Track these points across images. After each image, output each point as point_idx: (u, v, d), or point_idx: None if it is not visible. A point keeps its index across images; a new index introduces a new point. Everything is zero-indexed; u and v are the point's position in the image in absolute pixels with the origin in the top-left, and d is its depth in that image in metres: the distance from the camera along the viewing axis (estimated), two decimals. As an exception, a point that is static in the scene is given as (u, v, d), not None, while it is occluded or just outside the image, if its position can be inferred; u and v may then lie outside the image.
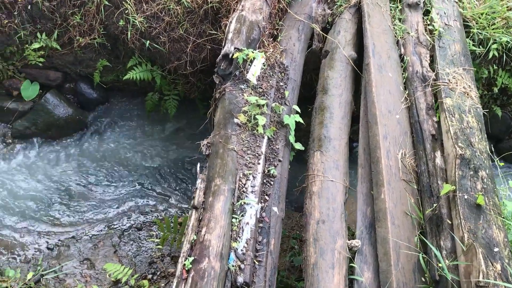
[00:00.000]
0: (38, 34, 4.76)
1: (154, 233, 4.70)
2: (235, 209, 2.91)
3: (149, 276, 4.34)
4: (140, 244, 4.68)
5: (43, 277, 4.21)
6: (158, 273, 4.40)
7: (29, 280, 3.77)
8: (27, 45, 4.80)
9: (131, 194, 5.06)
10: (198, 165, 3.20)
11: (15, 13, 4.56)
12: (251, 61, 3.54)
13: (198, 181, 3.05)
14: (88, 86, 5.35)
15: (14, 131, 5.16)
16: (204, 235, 2.69)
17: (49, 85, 5.23)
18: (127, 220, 4.86)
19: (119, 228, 4.79)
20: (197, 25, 4.45)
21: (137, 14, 4.43)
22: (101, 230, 4.75)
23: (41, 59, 4.88)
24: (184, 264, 2.59)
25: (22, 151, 5.17)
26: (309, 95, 4.31)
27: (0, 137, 5.18)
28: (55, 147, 5.26)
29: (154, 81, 5.11)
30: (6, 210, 4.72)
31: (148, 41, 4.53)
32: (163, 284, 4.21)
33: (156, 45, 4.55)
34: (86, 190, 5.02)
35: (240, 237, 2.82)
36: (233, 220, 2.85)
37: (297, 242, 4.13)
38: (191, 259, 2.59)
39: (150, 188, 5.12)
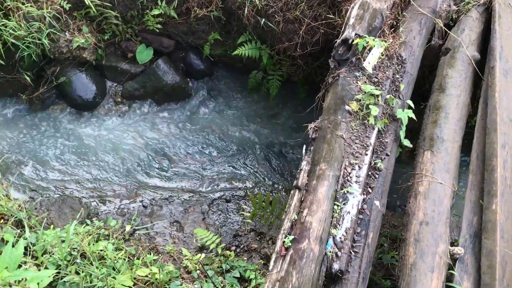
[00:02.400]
0: (159, 1, 4.95)
1: (245, 207, 4.79)
2: (337, 196, 2.88)
3: (233, 248, 4.44)
4: (227, 215, 4.79)
5: (136, 232, 4.45)
6: (242, 246, 4.49)
7: (127, 232, 3.99)
8: (147, 11, 5.01)
9: (224, 166, 5.18)
10: (304, 147, 3.20)
11: (142, -21, 4.77)
12: (370, 49, 3.46)
13: (303, 163, 3.04)
14: (196, 57, 5.51)
15: (124, 91, 5.45)
16: (305, 216, 2.70)
17: (162, 52, 5.43)
18: (218, 191, 4.99)
19: (209, 197, 4.94)
20: (314, 7, 4.41)
21: (257, -9, 4.48)
22: (193, 196, 4.92)
23: (159, 26, 5.08)
24: (284, 241, 2.62)
25: (129, 110, 5.45)
26: (418, 91, 4.15)
27: (112, 96, 5.49)
28: (160, 111, 5.49)
29: (260, 60, 5.15)
30: (109, 165, 5.01)
31: (263, 19, 4.56)
32: (245, 258, 4.29)
33: (270, 24, 4.58)
34: (183, 156, 5.21)
35: (340, 225, 2.79)
36: (335, 207, 2.83)
37: (387, 240, 4.03)
38: (291, 237, 2.61)
39: (243, 163, 5.21)
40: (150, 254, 3.48)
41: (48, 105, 5.33)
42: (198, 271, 3.49)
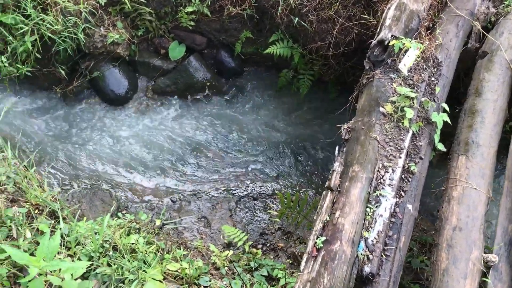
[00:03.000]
0: (193, -1, 5.00)
1: (272, 205, 4.80)
2: (370, 199, 2.86)
3: (259, 246, 4.45)
4: (254, 213, 4.81)
5: (164, 226, 4.51)
6: (268, 245, 4.51)
7: (156, 226, 4.04)
8: (181, 8, 5.06)
9: (252, 164, 5.20)
10: (337, 148, 3.19)
11: (177, -24, 4.82)
12: (405, 51, 3.42)
13: (336, 164, 3.03)
14: (228, 55, 5.54)
15: (156, 87, 5.51)
16: (337, 218, 2.69)
17: (193, 49, 5.48)
18: (245, 188, 5.01)
19: (236, 194, 4.96)
20: (348, 7, 4.39)
21: (291, -10, 4.48)
22: (220, 193, 4.95)
23: (192, 23, 5.13)
24: (316, 242, 2.61)
25: (160, 106, 5.52)
26: (452, 94, 4.09)
27: (143, 91, 5.56)
28: (190, 107, 5.54)
29: (291, 59, 5.14)
30: (139, 159, 5.08)
31: (296, 18, 4.55)
32: (272, 256, 4.30)
33: (303, 23, 4.57)
34: (212, 152, 5.25)
35: (372, 228, 2.77)
36: (367, 209, 2.82)
37: (416, 244, 3.99)
38: (322, 238, 2.61)
39: (271, 161, 5.22)
40: (180, 249, 3.51)
41: (81, 99, 5.43)
42: (226, 268, 3.51)
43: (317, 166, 5.17)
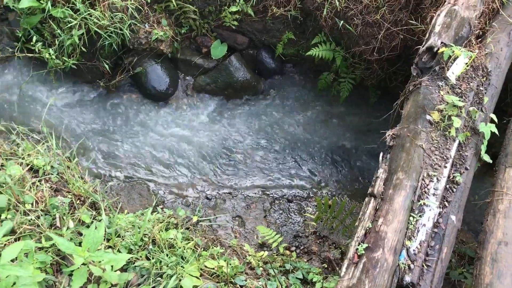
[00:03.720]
0: (237, -2, 5.02)
1: (307, 208, 4.79)
2: (413, 208, 2.82)
3: (293, 249, 4.44)
4: (288, 215, 4.80)
5: (199, 223, 4.54)
6: (302, 248, 4.49)
7: (193, 222, 4.08)
8: (225, 7, 5.09)
9: (288, 166, 5.19)
10: (381, 154, 3.15)
11: (223, -25, 4.85)
12: (454, 59, 3.35)
13: (380, 170, 2.99)
14: (268, 56, 5.54)
15: (196, 85, 5.56)
16: (380, 225, 2.66)
17: (235, 48, 5.51)
18: (280, 190, 5.01)
19: (271, 195, 4.96)
20: (395, 12, 4.33)
21: (337, -7, 4.45)
22: (256, 193, 4.96)
23: (235, 23, 5.15)
24: (357, 249, 2.59)
25: (199, 104, 5.57)
26: (499, 105, 3.98)
27: (183, 88, 5.62)
28: (228, 106, 5.56)
29: (332, 62, 5.11)
30: (176, 155, 5.14)
31: (342, 21, 4.52)
32: (305, 260, 4.28)
33: (348, 26, 4.53)
34: (248, 152, 5.27)
35: (414, 237, 2.73)
36: (411, 218, 2.78)
37: (455, 255, 3.91)
38: (364, 245, 2.58)
39: (307, 164, 5.20)
40: (217, 246, 3.54)
41: (122, 94, 5.53)
42: (261, 268, 3.52)
43: (354, 172, 5.12)
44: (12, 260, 2.42)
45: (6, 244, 2.93)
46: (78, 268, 2.50)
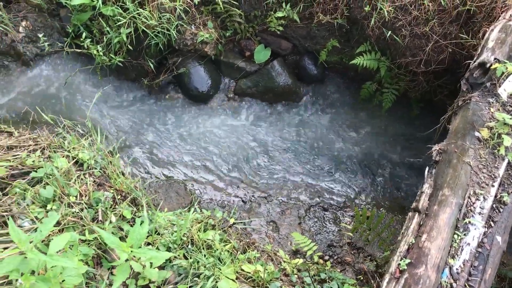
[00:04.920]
0: (284, 4, 5.02)
1: (342, 218, 4.75)
2: (458, 225, 2.76)
3: (326, 258, 4.41)
4: (323, 224, 4.77)
5: (234, 225, 4.56)
6: (335, 257, 4.46)
7: (230, 225, 4.10)
8: (271, 12, 5.10)
9: (325, 173, 5.16)
10: (426, 169, 3.10)
11: (271, -19, 4.87)
12: (507, 76, 3.27)
13: (425, 186, 2.95)
14: (311, 62, 5.52)
15: (237, 88, 5.60)
16: (424, 241, 2.62)
17: (278, 53, 5.52)
18: (316, 197, 4.98)
19: (307, 202, 4.94)
20: (445, 25, 4.25)
21: (386, 3, 4.39)
22: (291, 199, 4.95)
23: (280, 28, 5.16)
24: (399, 264, 2.55)
25: (239, 107, 5.60)
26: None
27: (224, 91, 5.67)
28: (268, 111, 5.58)
29: (376, 71, 5.06)
30: (214, 157, 5.18)
31: (389, 32, 4.47)
32: (338, 270, 4.24)
33: (395, 37, 4.48)
34: (285, 157, 5.26)
35: (458, 256, 2.67)
36: (455, 236, 2.72)
37: (495, 277, 3.80)
38: (407, 260, 2.54)
39: (344, 173, 5.16)
40: (254, 250, 3.55)
41: (165, 93, 5.61)
42: (296, 276, 3.51)
43: (392, 184, 5.05)
44: (58, 251, 2.49)
45: (50, 235, 3.02)
46: (122, 263, 2.54)
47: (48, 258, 2.20)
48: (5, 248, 2.88)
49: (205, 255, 3.16)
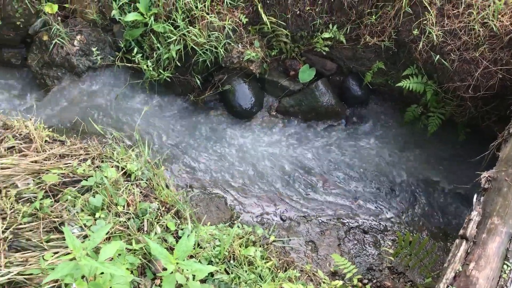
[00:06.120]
0: (330, 25, 5.07)
1: (382, 242, 4.69)
2: (508, 256, 2.69)
3: (365, 281, 4.35)
4: (363, 246, 4.72)
5: (273, 243, 4.57)
6: (374, 281, 4.39)
7: (270, 242, 4.12)
8: (318, 33, 5.16)
9: (366, 195, 5.12)
10: (475, 196, 3.05)
11: (319, 2, 4.92)
12: (562, 105, 3.20)
13: (474, 213, 2.89)
14: (355, 83, 5.53)
15: (280, 106, 5.66)
16: (471, 270, 2.57)
17: (322, 73, 5.55)
18: (356, 219, 4.94)
19: (347, 223, 4.91)
20: (496, 51, 4.19)
21: (434, 27, 4.37)
22: (330, 220, 4.92)
23: (326, 49, 5.20)
24: (446, 292, 2.51)
25: (281, 125, 5.65)
26: None
27: (267, 108, 5.74)
28: (309, 130, 5.60)
29: (422, 95, 5.01)
30: (255, 173, 5.23)
31: (437, 56, 4.44)
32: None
33: (444, 62, 4.44)
34: (326, 178, 5.25)
35: (507, 287, 2.60)
36: (504, 266, 2.65)
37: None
38: (453, 289, 2.50)
39: (386, 196, 5.10)
40: (295, 269, 3.55)
41: (209, 109, 5.73)
42: (335, 297, 3.48)
43: (436, 210, 4.95)
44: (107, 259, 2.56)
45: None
46: (168, 275, 2.59)
47: (100, 265, 2.28)
48: (55, 253, 2.99)
49: (246, 271, 3.19)
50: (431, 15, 4.36)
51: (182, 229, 3.58)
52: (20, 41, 5.79)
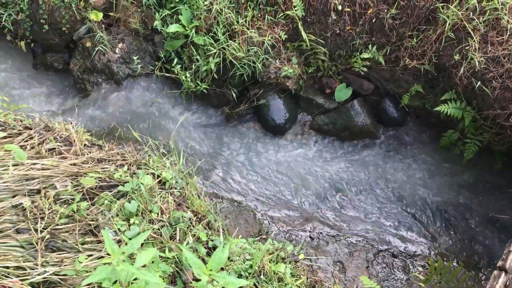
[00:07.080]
0: (370, 46, 5.07)
1: (411, 267, 4.61)
2: (548, 291, 2.62)
3: (393, 307, 4.28)
4: (391, 270, 4.65)
5: (300, 261, 4.54)
6: (403, 307, 4.32)
7: (299, 259, 4.10)
8: (356, 53, 5.16)
9: (397, 219, 5.05)
10: (515, 227, 2.98)
11: (360, 22, 4.93)
12: None
13: (513, 244, 2.83)
14: (392, 105, 5.49)
15: (314, 124, 5.66)
16: (510, 303, 2.50)
17: (358, 93, 5.54)
18: (386, 242, 4.88)
19: (376, 246, 4.85)
20: (540, 80, 4.13)
21: (477, 53, 4.33)
22: (359, 241, 4.87)
23: (364, 69, 5.20)
24: (482, 324, 2.45)
25: (314, 142, 5.64)
26: None
27: (301, 125, 5.74)
28: (343, 149, 5.58)
29: (459, 120, 4.94)
30: (285, 189, 5.23)
31: (478, 82, 4.39)
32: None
33: (485, 88, 4.38)
34: (356, 198, 5.21)
35: (546, 323, 2.53)
36: (544, 302, 2.58)
37: None
38: (490, 321, 2.44)
39: (417, 221, 5.03)
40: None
41: (242, 122, 5.77)
42: (363, 321, 3.43)
43: (469, 238, 4.85)
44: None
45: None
46: (201, 285, 2.60)
47: (136, 271, 2.32)
48: (89, 255, 3.04)
49: None
50: (474, 41, 4.32)
51: (212, 240, 3.60)
52: (64, 46, 5.97)
